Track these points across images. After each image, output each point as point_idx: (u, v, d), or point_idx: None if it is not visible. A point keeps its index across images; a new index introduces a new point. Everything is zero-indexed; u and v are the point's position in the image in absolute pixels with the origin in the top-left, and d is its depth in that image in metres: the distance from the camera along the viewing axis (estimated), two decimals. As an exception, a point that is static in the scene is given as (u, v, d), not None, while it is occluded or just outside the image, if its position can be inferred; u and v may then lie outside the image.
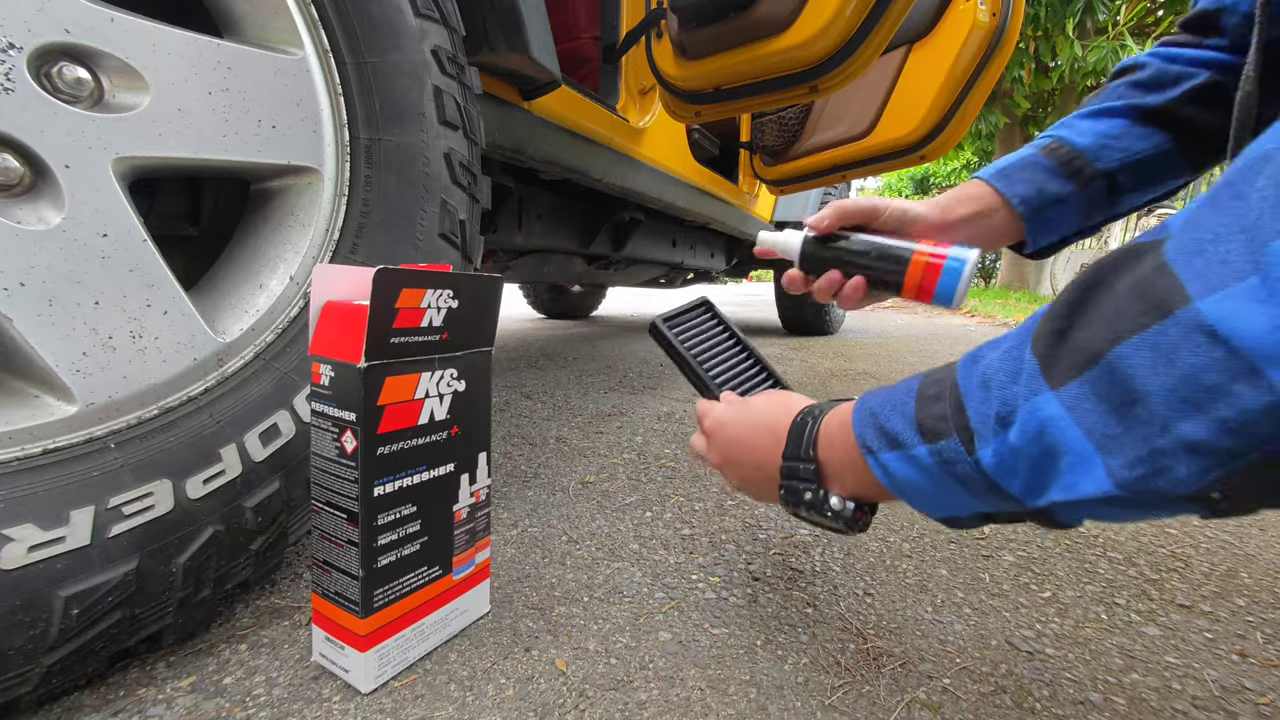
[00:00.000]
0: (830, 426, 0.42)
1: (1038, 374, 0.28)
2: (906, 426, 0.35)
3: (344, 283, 0.45)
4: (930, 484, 0.34)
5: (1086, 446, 0.26)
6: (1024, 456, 0.29)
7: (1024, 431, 0.29)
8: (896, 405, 0.37)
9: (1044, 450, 0.28)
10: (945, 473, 0.33)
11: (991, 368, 0.31)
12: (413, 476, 0.46)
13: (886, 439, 0.37)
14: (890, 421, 0.37)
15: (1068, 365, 0.27)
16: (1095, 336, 0.26)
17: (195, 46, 0.47)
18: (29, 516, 0.39)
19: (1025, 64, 5.51)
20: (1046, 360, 0.28)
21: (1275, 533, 0.80)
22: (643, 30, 1.14)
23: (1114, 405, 0.25)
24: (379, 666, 0.46)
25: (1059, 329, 0.28)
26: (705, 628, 0.55)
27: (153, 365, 0.46)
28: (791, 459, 0.44)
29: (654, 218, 1.89)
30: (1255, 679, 0.51)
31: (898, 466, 0.36)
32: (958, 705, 0.47)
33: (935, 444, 0.33)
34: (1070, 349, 0.27)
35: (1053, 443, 0.28)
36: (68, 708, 0.44)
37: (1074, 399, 0.27)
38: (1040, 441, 0.28)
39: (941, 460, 0.33)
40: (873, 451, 0.37)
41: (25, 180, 0.40)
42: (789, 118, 1.69)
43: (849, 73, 0.94)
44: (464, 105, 0.66)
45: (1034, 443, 0.28)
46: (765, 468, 0.47)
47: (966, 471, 0.32)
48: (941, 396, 0.34)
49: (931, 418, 0.34)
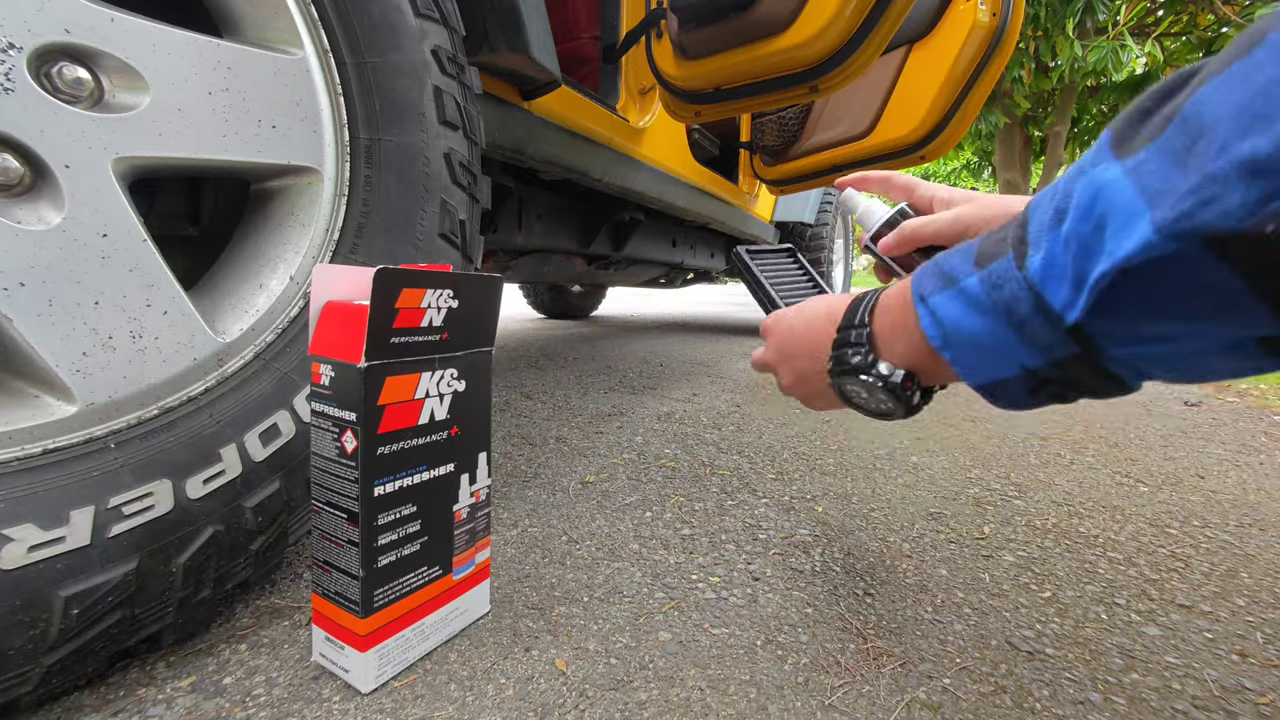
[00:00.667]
0: (889, 294, 0.39)
1: (1105, 147, 0.25)
2: (965, 261, 0.32)
3: (344, 283, 0.45)
4: (976, 322, 0.31)
5: (1138, 204, 0.23)
6: (1074, 240, 0.25)
7: (1077, 208, 0.25)
8: (964, 247, 0.33)
9: (1094, 226, 0.24)
10: (992, 301, 0.30)
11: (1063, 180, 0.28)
12: (413, 476, 0.46)
13: (942, 278, 0.33)
14: (951, 260, 0.33)
15: (1144, 135, 0.24)
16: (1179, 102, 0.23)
17: (195, 46, 0.47)
18: (29, 516, 0.39)
19: (1025, 64, 5.52)
20: (1121, 134, 0.25)
21: (1275, 533, 0.80)
22: (643, 30, 1.14)
23: (1179, 156, 0.22)
24: (379, 666, 0.46)
25: (1145, 108, 0.25)
26: (705, 628, 0.55)
27: (153, 365, 0.46)
28: (845, 328, 0.41)
29: (654, 218, 1.89)
30: (1255, 679, 0.51)
31: (946, 309, 0.32)
32: (958, 705, 0.47)
33: (988, 267, 0.30)
34: (1152, 122, 0.24)
35: (1103, 211, 0.24)
36: (68, 708, 0.44)
37: (1139, 161, 0.23)
38: (1090, 215, 0.24)
39: (991, 285, 0.29)
40: (924, 298, 0.34)
41: (25, 180, 0.40)
42: (789, 118, 1.69)
43: (849, 73, 0.94)
44: (464, 105, 0.66)
45: (1084, 218, 0.25)
46: (819, 354, 0.44)
47: (1013, 291, 0.28)
48: (1007, 226, 0.31)
49: (994, 243, 0.31)
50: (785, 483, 0.93)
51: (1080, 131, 6.71)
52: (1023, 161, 7.06)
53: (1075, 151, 7.09)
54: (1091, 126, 6.67)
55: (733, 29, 0.93)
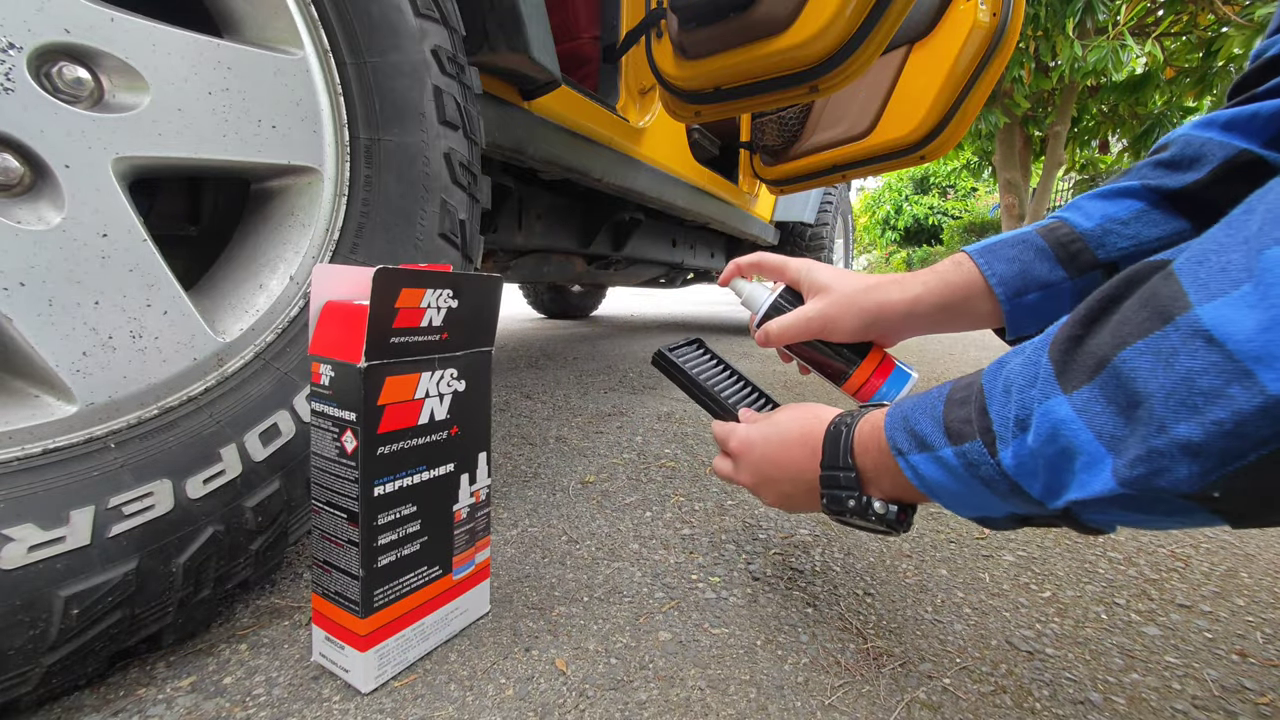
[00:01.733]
0: (864, 432, 0.43)
1: (1052, 378, 0.29)
2: (935, 428, 0.36)
3: (344, 283, 0.45)
4: (958, 485, 0.35)
5: (1098, 448, 0.27)
6: (1041, 457, 0.30)
7: (1039, 433, 0.29)
8: (926, 409, 0.37)
9: (1059, 451, 0.29)
10: (971, 474, 0.34)
11: (1013, 372, 0.32)
12: (413, 476, 0.46)
13: (915, 440, 0.37)
14: (920, 424, 0.37)
15: (1079, 370, 0.28)
16: (1104, 343, 0.27)
17: (195, 46, 0.47)
18: (29, 516, 0.39)
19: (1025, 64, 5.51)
20: (1060, 365, 0.29)
21: (1275, 533, 0.80)
22: (643, 30, 1.14)
23: (1121, 408, 0.26)
24: (379, 666, 0.46)
25: (1075, 335, 0.29)
26: (705, 628, 0.55)
27: (153, 365, 0.46)
28: (830, 468, 0.44)
29: (654, 218, 1.89)
30: (1255, 679, 0.51)
31: (927, 468, 0.37)
32: (958, 705, 0.47)
33: (960, 445, 0.34)
34: (1082, 355, 0.28)
35: (1066, 444, 0.28)
36: (68, 708, 0.44)
37: (1084, 402, 0.27)
38: (1054, 443, 0.29)
39: (967, 462, 0.34)
40: (903, 453, 0.38)
41: (25, 180, 0.40)
42: (789, 118, 1.69)
43: (849, 73, 0.94)
44: (464, 105, 0.66)
45: (1048, 444, 0.29)
46: (803, 480, 0.47)
47: (990, 474, 0.33)
48: (968, 400, 0.35)
49: (958, 420, 0.35)
50: (785, 483, 0.93)
51: (1080, 131, 6.70)
52: (1023, 161, 7.06)
53: (1075, 151, 7.08)
54: (1091, 126, 6.66)
55: (733, 29, 0.93)
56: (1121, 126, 6.42)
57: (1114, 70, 4.81)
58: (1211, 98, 5.35)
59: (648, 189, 1.39)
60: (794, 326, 0.55)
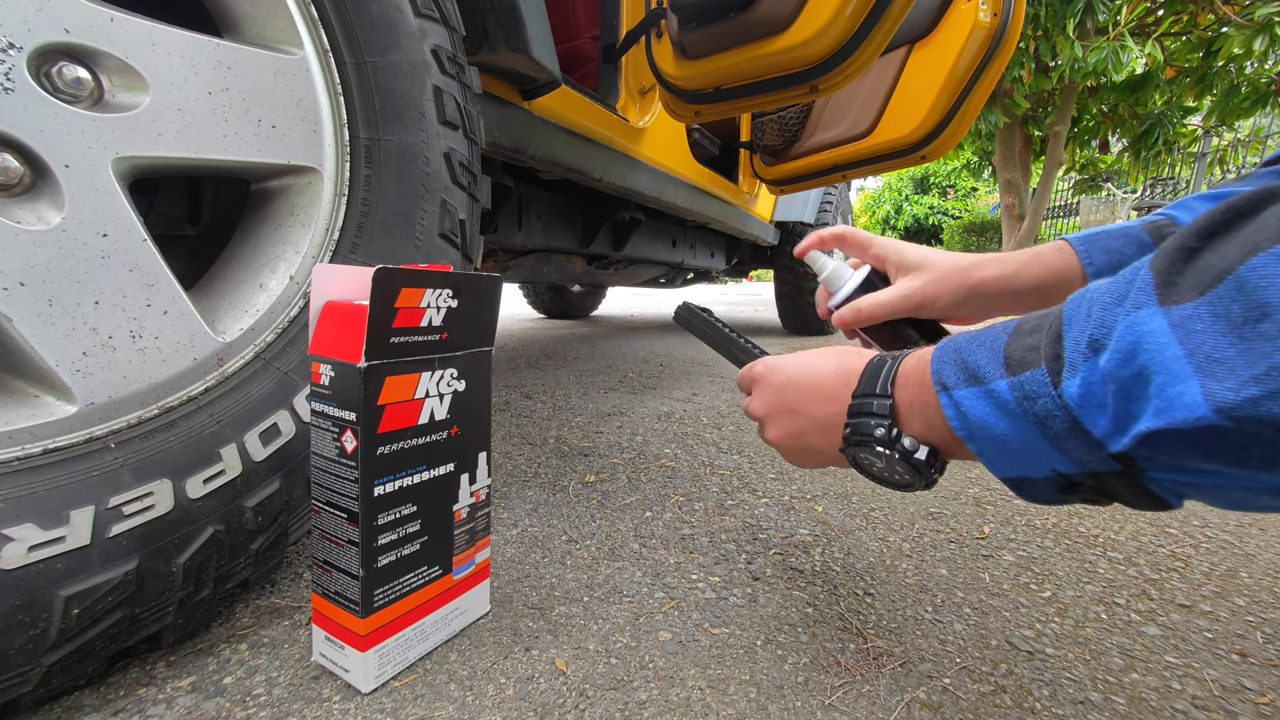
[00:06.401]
0: (908, 365, 0.38)
1: (1150, 289, 0.25)
2: (992, 359, 0.31)
3: (344, 282, 0.45)
4: (1006, 426, 0.30)
5: (1185, 368, 0.23)
6: (1113, 382, 0.25)
7: (1116, 352, 0.25)
8: (986, 340, 0.33)
9: (1135, 374, 0.24)
10: (1024, 411, 0.29)
11: (1101, 290, 0.28)
12: (413, 476, 0.46)
13: (965, 373, 0.33)
14: (974, 355, 0.33)
15: (1189, 284, 0.24)
16: (1228, 254, 0.23)
17: (195, 46, 0.47)
18: (29, 516, 0.39)
19: (1025, 64, 5.51)
20: (1165, 276, 0.25)
21: (1275, 533, 0.80)
22: (643, 30, 1.14)
23: (1234, 324, 0.22)
24: (379, 666, 0.46)
25: (1189, 248, 0.24)
26: (705, 628, 0.55)
27: (153, 365, 0.46)
28: (865, 395, 0.39)
29: (654, 217, 1.89)
30: (1255, 679, 0.51)
31: (973, 404, 0.32)
32: (958, 705, 0.47)
33: (1019, 375, 0.29)
34: (1196, 268, 0.24)
35: (1145, 364, 0.24)
36: (68, 708, 0.44)
37: (1184, 318, 0.23)
38: (1132, 363, 0.24)
39: (1022, 394, 0.29)
40: (947, 388, 0.33)
41: (25, 180, 0.40)
42: (789, 117, 1.69)
43: (849, 73, 0.94)
44: (464, 105, 0.66)
45: (1124, 364, 0.25)
46: (824, 413, 0.43)
47: (1047, 407, 0.28)
48: (1039, 329, 0.30)
49: (1022, 349, 0.30)
50: (785, 482, 0.93)
51: (1080, 131, 6.70)
52: (1023, 161, 7.06)
53: (1075, 151, 7.07)
54: (1091, 126, 6.65)
55: (733, 29, 0.93)
56: (1121, 126, 6.41)
57: (1114, 71, 4.81)
58: (1211, 97, 5.34)
59: (648, 189, 1.39)
60: (890, 303, 0.52)
